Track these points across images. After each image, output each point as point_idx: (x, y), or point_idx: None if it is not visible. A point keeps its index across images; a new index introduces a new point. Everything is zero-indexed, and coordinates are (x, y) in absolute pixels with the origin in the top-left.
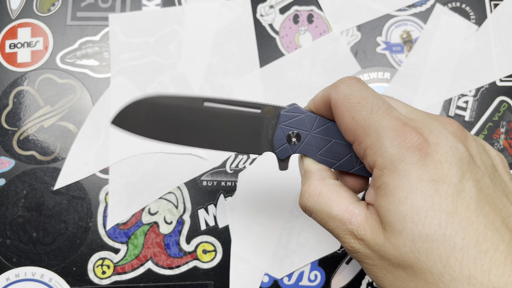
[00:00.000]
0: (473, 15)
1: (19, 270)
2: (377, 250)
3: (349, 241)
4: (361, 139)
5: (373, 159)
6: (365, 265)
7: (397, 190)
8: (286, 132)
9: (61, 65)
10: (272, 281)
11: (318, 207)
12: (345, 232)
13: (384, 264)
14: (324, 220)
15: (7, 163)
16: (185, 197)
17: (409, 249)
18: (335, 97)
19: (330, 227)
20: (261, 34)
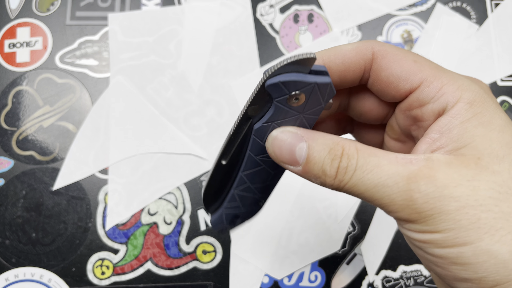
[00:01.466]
0: (473, 14)
1: (18, 270)
2: (468, 181)
3: (416, 186)
4: (433, 78)
5: (457, 94)
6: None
7: (494, 119)
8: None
9: (61, 64)
10: (272, 281)
11: (362, 161)
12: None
13: (479, 201)
14: (374, 171)
15: (6, 163)
16: (184, 198)
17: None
18: (383, 47)
19: (382, 179)
20: (261, 33)
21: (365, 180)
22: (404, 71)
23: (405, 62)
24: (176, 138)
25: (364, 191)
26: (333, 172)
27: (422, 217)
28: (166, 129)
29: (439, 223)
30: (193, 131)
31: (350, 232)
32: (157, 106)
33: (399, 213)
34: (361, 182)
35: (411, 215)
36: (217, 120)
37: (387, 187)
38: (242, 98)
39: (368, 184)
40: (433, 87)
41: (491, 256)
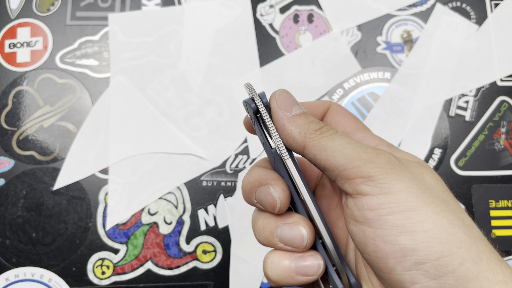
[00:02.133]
0: (473, 14)
1: (19, 270)
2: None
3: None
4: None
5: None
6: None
7: None
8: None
9: (61, 65)
10: None
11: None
12: None
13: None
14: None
15: (7, 163)
16: (185, 197)
17: None
18: (334, 105)
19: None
20: (261, 33)
21: (342, 138)
22: (343, 123)
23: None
24: (176, 138)
25: (338, 144)
26: (317, 126)
27: (382, 173)
28: (166, 129)
29: (394, 183)
30: (193, 131)
31: None
32: (157, 106)
33: (360, 167)
34: (338, 138)
35: (373, 169)
36: (217, 120)
37: (359, 147)
38: (242, 98)
39: (343, 141)
40: (359, 133)
41: (435, 225)
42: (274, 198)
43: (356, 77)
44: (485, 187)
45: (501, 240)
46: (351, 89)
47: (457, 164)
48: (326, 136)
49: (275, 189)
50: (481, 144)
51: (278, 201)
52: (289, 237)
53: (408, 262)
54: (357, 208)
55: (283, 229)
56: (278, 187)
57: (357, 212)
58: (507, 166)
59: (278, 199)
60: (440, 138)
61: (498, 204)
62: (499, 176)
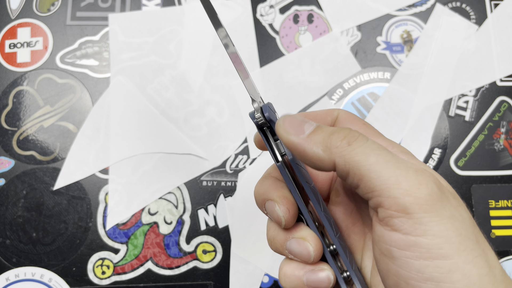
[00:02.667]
0: (473, 15)
1: (19, 270)
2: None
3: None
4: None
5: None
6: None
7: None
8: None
9: (61, 65)
10: (272, 281)
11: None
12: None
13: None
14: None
15: (7, 163)
16: (185, 197)
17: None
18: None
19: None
20: (261, 34)
21: (377, 154)
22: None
23: (358, 124)
24: (176, 138)
25: (373, 162)
26: (342, 134)
27: (421, 211)
28: (166, 129)
29: (431, 225)
30: (193, 131)
31: None
32: (157, 106)
33: (398, 199)
34: (372, 153)
35: (411, 205)
36: (217, 120)
37: (398, 168)
38: (242, 98)
39: (380, 158)
40: (373, 139)
41: (464, 276)
42: (279, 216)
43: (356, 77)
44: (485, 187)
45: (501, 240)
46: (351, 89)
47: (457, 164)
48: (356, 148)
49: (280, 208)
50: (480, 144)
51: (283, 220)
52: (297, 252)
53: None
54: (384, 241)
55: (292, 243)
56: (283, 205)
57: (383, 245)
58: (507, 166)
59: (283, 217)
60: (440, 138)
61: (498, 204)
62: (498, 176)
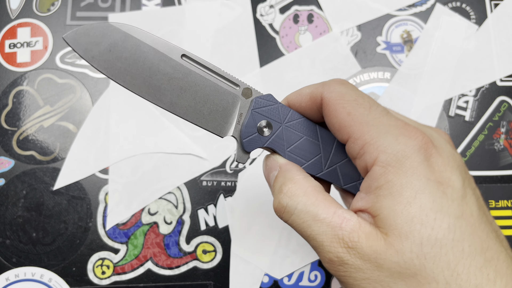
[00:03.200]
0: (473, 15)
1: (19, 270)
2: (375, 258)
3: (335, 250)
4: (358, 135)
5: (373, 155)
6: (351, 280)
7: (404, 189)
8: (258, 120)
9: (61, 65)
10: (272, 281)
11: (302, 207)
12: (332, 239)
13: (380, 276)
14: (307, 223)
15: (7, 163)
16: (185, 197)
17: (416, 254)
18: (329, 95)
19: (314, 232)
20: (261, 34)
21: (298, 225)
22: (337, 122)
23: (340, 114)
24: (176, 138)
25: (299, 232)
26: (280, 209)
27: (337, 276)
28: (166, 129)
29: (348, 286)
30: (193, 131)
31: None
32: (157, 106)
33: (324, 263)
34: (296, 225)
35: (330, 270)
36: None
37: (316, 241)
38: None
39: (302, 232)
40: (357, 144)
41: None
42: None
43: (356, 77)
44: (485, 187)
45: None
46: None
47: None
48: (287, 221)
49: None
50: (480, 144)
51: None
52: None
53: None
54: None
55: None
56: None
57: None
58: (507, 166)
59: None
60: None
61: (498, 204)
62: (498, 176)
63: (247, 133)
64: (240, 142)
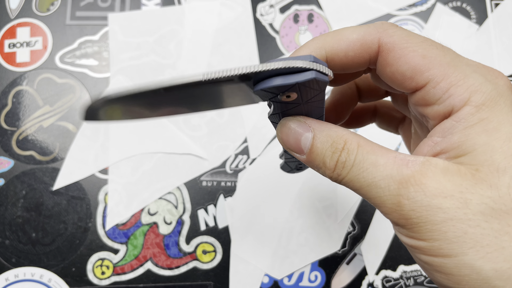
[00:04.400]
0: (473, 14)
1: (18, 270)
2: (459, 193)
3: (406, 191)
4: (441, 78)
5: (464, 96)
6: (429, 225)
7: (502, 125)
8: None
9: (60, 64)
10: (272, 281)
11: (360, 157)
12: (400, 180)
13: (468, 214)
14: (368, 170)
15: (6, 163)
16: (184, 198)
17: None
18: (390, 39)
19: (376, 178)
20: (261, 33)
21: (360, 178)
22: (410, 68)
23: (412, 58)
24: (176, 138)
25: (359, 188)
26: (332, 165)
27: (408, 224)
28: (166, 129)
29: (424, 232)
30: (193, 131)
31: (350, 232)
32: None
33: (389, 215)
34: (356, 179)
35: (399, 220)
36: (217, 120)
37: (379, 188)
38: None
39: (362, 182)
40: (439, 88)
41: (474, 271)
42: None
43: None
44: None
45: None
46: None
47: None
48: (344, 177)
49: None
50: None
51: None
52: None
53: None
54: (399, 237)
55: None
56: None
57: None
58: None
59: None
60: None
61: None
62: None
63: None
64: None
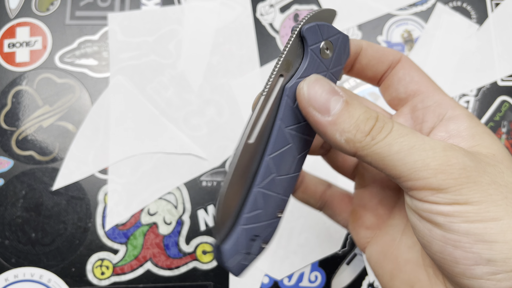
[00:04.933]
0: (474, 14)
1: (18, 270)
2: (497, 162)
3: (453, 154)
4: (439, 92)
5: (458, 109)
6: (472, 193)
7: (489, 131)
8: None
9: (60, 64)
10: (272, 282)
11: (398, 126)
12: (444, 146)
13: (508, 182)
14: (408, 136)
15: (6, 163)
16: (184, 198)
17: None
18: (410, 60)
19: (418, 147)
20: (261, 33)
21: (401, 142)
22: (418, 76)
23: (419, 74)
24: (176, 138)
25: (396, 151)
26: (367, 128)
27: (457, 184)
28: (166, 129)
29: (472, 193)
30: (193, 131)
31: None
32: (157, 106)
33: (429, 179)
34: (395, 142)
35: (445, 181)
36: (217, 120)
37: (424, 150)
38: (242, 98)
39: (404, 144)
40: (437, 95)
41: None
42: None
43: None
44: None
45: None
46: (351, 89)
47: None
48: (380, 141)
49: None
50: None
51: None
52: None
53: (480, 271)
54: (423, 210)
55: None
56: None
57: (424, 213)
58: None
59: None
60: None
61: None
62: None
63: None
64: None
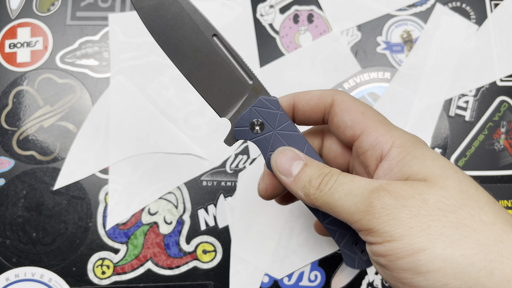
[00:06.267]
0: (473, 15)
1: (19, 270)
2: (419, 194)
3: (378, 195)
4: (373, 130)
5: (390, 142)
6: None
7: (425, 152)
8: (254, 118)
9: (61, 65)
10: (272, 281)
11: (341, 177)
12: (374, 189)
13: (429, 210)
14: (347, 184)
15: (7, 163)
16: (185, 197)
17: (459, 190)
18: (342, 98)
19: (353, 189)
20: (261, 33)
21: (340, 189)
22: (350, 120)
23: (353, 113)
24: (176, 138)
25: (337, 199)
26: (317, 183)
27: (380, 223)
28: (166, 129)
29: (394, 229)
30: (193, 131)
31: None
32: (157, 106)
33: (361, 220)
34: (336, 191)
35: (371, 221)
36: (217, 120)
37: (355, 196)
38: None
39: (341, 192)
40: (371, 136)
41: (446, 262)
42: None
43: (356, 77)
44: (485, 187)
45: None
46: (351, 89)
47: (457, 164)
48: (325, 192)
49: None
50: (481, 144)
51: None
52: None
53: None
54: (372, 254)
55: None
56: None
57: (373, 257)
58: (507, 166)
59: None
60: (440, 138)
61: None
62: (499, 176)
63: (240, 124)
64: (232, 128)
